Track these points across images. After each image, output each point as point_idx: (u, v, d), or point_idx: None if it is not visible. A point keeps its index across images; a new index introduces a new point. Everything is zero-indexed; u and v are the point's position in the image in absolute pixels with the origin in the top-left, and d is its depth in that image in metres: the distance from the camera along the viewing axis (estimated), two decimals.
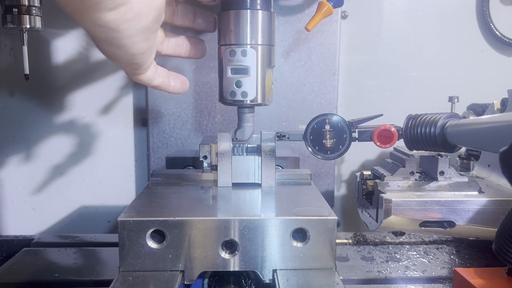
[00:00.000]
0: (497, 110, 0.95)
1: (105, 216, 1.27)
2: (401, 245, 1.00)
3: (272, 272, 0.65)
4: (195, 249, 0.64)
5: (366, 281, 0.85)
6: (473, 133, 0.67)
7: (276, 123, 1.18)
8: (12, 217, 1.25)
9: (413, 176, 0.81)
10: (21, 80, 0.86)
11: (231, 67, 0.77)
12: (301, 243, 0.65)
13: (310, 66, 1.16)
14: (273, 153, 0.81)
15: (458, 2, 1.23)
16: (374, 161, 1.27)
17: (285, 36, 1.14)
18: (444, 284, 0.82)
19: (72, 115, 1.21)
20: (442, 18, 1.23)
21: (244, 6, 0.75)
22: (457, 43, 1.25)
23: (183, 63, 1.14)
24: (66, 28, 1.17)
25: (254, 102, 0.78)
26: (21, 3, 0.83)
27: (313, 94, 1.17)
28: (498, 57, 1.27)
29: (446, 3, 1.23)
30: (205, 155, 0.85)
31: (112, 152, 1.24)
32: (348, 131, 0.76)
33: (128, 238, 0.63)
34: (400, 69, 1.25)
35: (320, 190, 0.97)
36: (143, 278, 0.62)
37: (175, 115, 1.16)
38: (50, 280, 0.81)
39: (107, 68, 1.19)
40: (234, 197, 0.77)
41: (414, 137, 0.75)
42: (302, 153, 1.09)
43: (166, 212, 0.66)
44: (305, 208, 0.69)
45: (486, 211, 0.77)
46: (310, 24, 0.72)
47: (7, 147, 1.21)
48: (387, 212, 0.76)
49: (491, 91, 1.01)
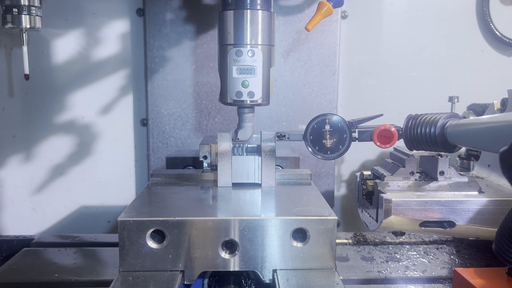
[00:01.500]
0: (497, 110, 0.95)
1: (105, 216, 1.27)
2: (401, 245, 0.99)
3: (272, 272, 0.65)
4: (195, 249, 0.64)
5: (366, 281, 0.85)
6: (473, 133, 0.67)
7: (276, 123, 1.18)
8: (12, 217, 1.25)
9: (413, 176, 0.81)
10: (21, 80, 0.86)
11: (237, 67, 0.76)
12: (301, 243, 0.65)
13: (310, 66, 1.16)
14: (273, 153, 0.81)
15: (458, 2, 1.23)
16: (374, 161, 1.27)
17: (285, 36, 1.14)
18: (444, 284, 0.82)
19: (72, 115, 1.21)
20: (442, 18, 1.23)
21: (254, 6, 0.75)
22: (457, 43, 1.25)
23: (183, 63, 1.14)
24: (66, 28, 1.17)
25: (259, 101, 0.78)
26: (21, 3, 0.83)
27: (313, 94, 1.17)
28: (498, 57, 1.27)
29: (446, 3, 1.23)
30: (205, 155, 0.85)
31: (112, 152, 1.24)
32: (348, 131, 0.76)
33: (128, 238, 0.63)
34: (400, 69, 1.25)
35: (320, 190, 0.97)
36: (143, 278, 0.62)
37: (175, 115, 1.16)
38: (50, 280, 0.81)
39: (107, 68, 1.19)
40: (234, 197, 0.77)
41: (414, 137, 0.75)
42: (302, 153, 1.09)
43: (166, 212, 0.66)
44: (305, 208, 0.69)
45: (486, 211, 0.76)
46: (310, 24, 0.72)
47: (7, 147, 1.21)
48: (387, 212, 0.76)
49: (491, 91, 1.01)
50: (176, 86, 1.15)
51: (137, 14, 1.17)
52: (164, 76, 1.14)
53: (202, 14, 1.13)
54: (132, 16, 1.18)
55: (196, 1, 1.12)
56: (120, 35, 1.18)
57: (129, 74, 1.20)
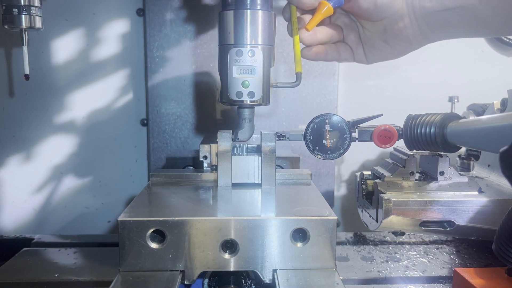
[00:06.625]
0: (497, 110, 0.94)
1: (105, 216, 1.27)
2: (401, 245, 1.00)
3: (272, 272, 0.65)
4: (195, 249, 0.64)
5: (366, 281, 0.85)
6: (473, 133, 0.67)
7: (276, 123, 1.18)
8: (12, 217, 1.25)
9: (413, 176, 0.81)
10: (21, 80, 0.86)
11: (237, 67, 0.76)
12: (301, 243, 0.65)
13: (310, 66, 1.16)
14: (273, 153, 0.81)
15: None
16: (374, 161, 1.27)
17: (285, 36, 1.14)
18: (444, 284, 0.82)
19: (72, 115, 1.21)
20: None
21: (255, 6, 0.75)
22: (457, 43, 1.24)
23: (183, 63, 1.14)
24: (66, 28, 1.17)
25: (260, 102, 0.78)
26: (21, 3, 0.83)
27: (313, 94, 1.17)
28: (498, 57, 1.27)
29: None
30: (205, 155, 0.85)
31: (112, 152, 1.24)
32: (348, 131, 0.76)
33: (128, 238, 0.63)
34: (400, 69, 1.25)
35: (320, 190, 0.97)
36: (143, 278, 0.62)
37: (175, 115, 1.16)
38: (50, 280, 0.81)
39: (107, 68, 1.19)
40: (234, 197, 0.77)
41: (414, 137, 0.75)
42: (302, 153, 1.09)
43: (166, 212, 0.66)
44: (305, 208, 0.69)
45: (486, 211, 0.76)
46: (310, 24, 0.71)
47: (7, 147, 1.21)
48: (387, 212, 0.76)
49: (491, 91, 1.01)
50: (176, 86, 1.15)
51: (137, 14, 1.17)
52: (164, 76, 1.14)
53: (202, 14, 1.13)
54: (132, 16, 1.18)
55: (196, 1, 1.12)
56: (120, 35, 1.18)
57: (129, 74, 1.20)
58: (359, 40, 0.77)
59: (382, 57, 0.78)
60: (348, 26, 0.77)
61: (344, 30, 0.77)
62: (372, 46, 0.76)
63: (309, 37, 0.74)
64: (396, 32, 0.72)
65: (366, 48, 0.77)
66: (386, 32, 0.73)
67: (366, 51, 0.77)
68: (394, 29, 0.72)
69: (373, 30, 0.74)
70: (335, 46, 0.78)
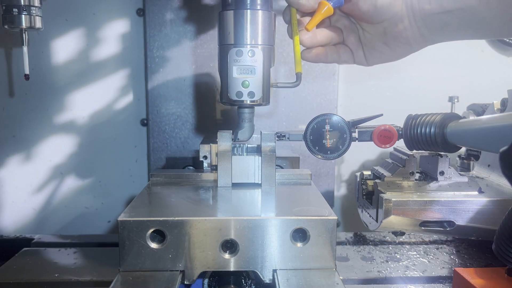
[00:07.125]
0: (497, 110, 0.95)
1: (105, 216, 1.27)
2: (401, 245, 1.00)
3: (272, 272, 0.65)
4: (195, 249, 0.64)
5: (366, 281, 0.85)
6: (473, 133, 0.67)
7: (276, 123, 1.18)
8: (12, 217, 1.25)
9: (413, 176, 0.81)
10: (21, 80, 0.86)
11: (237, 67, 0.76)
12: (301, 243, 0.65)
13: (310, 67, 1.15)
14: (273, 153, 0.81)
15: None
16: (374, 161, 1.27)
17: (285, 36, 1.14)
18: (444, 284, 0.82)
19: (72, 115, 1.21)
20: None
21: (255, 6, 0.75)
22: (457, 43, 1.24)
23: (183, 63, 1.14)
24: (66, 28, 1.17)
25: (260, 102, 0.78)
26: (21, 3, 0.83)
27: (313, 94, 1.17)
28: (498, 57, 1.27)
29: None
30: (205, 155, 0.85)
31: (112, 152, 1.24)
32: (348, 131, 0.76)
33: (128, 238, 0.63)
34: (400, 69, 1.25)
35: (320, 190, 0.97)
36: (143, 278, 0.62)
37: (175, 115, 1.16)
38: (50, 280, 0.81)
39: (107, 68, 1.19)
40: (234, 197, 0.77)
41: (414, 137, 0.75)
42: (302, 153, 1.09)
43: (166, 212, 0.66)
44: (305, 208, 0.69)
45: (486, 211, 0.77)
46: (309, 24, 0.71)
47: (7, 147, 1.21)
48: (387, 212, 0.76)
49: (491, 91, 1.01)
50: (176, 86, 1.15)
51: (137, 14, 1.17)
52: (164, 76, 1.14)
53: (202, 14, 1.13)
54: (132, 16, 1.18)
55: (196, 1, 1.12)
56: (120, 35, 1.18)
57: (129, 74, 1.20)
58: (359, 42, 0.77)
59: (382, 59, 0.78)
60: (348, 28, 0.77)
61: (344, 32, 0.77)
62: (372, 48, 0.76)
63: (309, 39, 0.74)
64: (395, 34, 0.72)
65: (366, 50, 0.77)
66: (386, 34, 0.73)
67: (366, 53, 0.77)
68: (394, 31, 0.72)
69: (373, 32, 0.74)
70: (335, 48, 0.78)
